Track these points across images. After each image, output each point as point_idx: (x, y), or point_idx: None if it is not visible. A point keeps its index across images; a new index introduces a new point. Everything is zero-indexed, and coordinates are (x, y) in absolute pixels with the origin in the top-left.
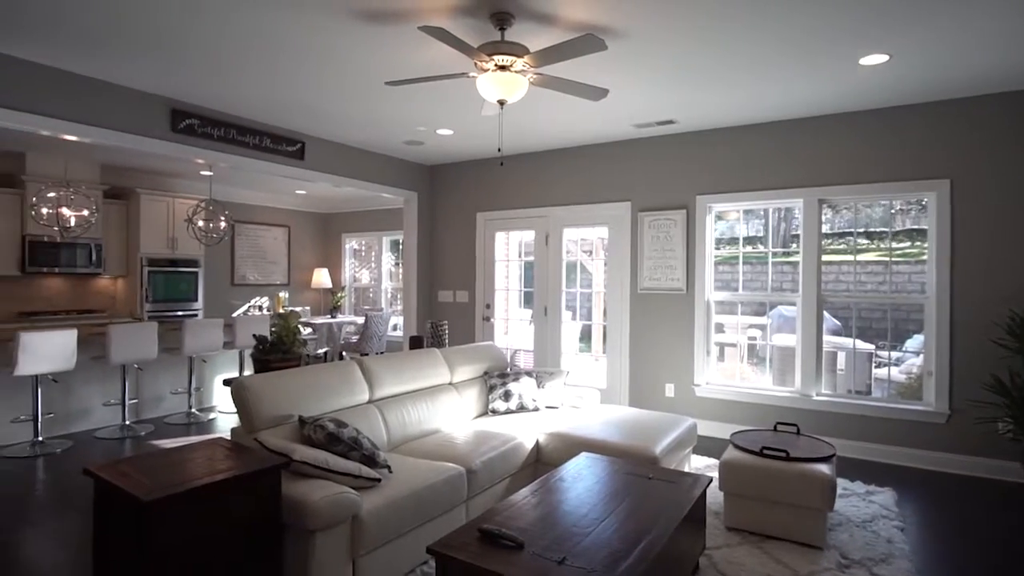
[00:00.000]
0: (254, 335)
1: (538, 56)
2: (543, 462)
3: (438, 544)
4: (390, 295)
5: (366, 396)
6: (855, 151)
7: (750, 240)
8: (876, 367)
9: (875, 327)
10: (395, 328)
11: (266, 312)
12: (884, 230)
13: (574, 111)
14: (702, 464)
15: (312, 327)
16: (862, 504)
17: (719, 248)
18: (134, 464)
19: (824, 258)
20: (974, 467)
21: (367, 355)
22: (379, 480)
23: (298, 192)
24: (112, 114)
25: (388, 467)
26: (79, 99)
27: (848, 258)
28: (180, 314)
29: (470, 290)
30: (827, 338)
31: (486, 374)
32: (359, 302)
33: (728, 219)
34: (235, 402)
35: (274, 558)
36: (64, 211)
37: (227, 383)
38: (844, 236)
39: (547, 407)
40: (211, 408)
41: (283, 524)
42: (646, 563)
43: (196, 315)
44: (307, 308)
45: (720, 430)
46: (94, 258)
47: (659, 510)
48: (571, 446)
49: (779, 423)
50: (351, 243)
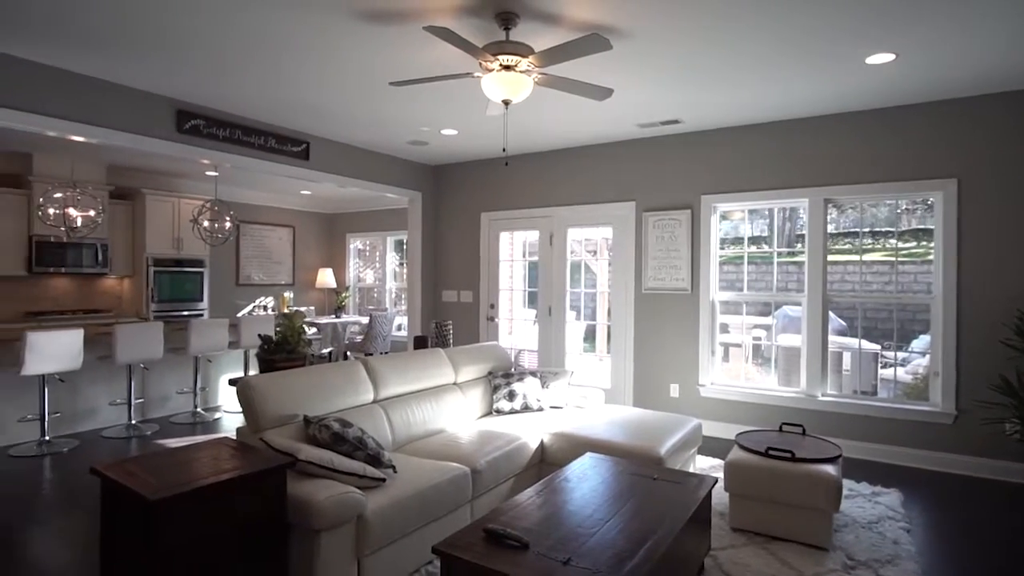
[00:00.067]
0: (259, 335)
1: (543, 56)
2: (548, 462)
3: (443, 544)
4: (394, 295)
5: (371, 396)
6: (861, 151)
7: (755, 240)
8: (882, 367)
9: (880, 327)
10: (399, 328)
11: (271, 312)
12: (890, 230)
13: (578, 111)
14: (707, 465)
15: (317, 327)
16: (868, 505)
17: (724, 248)
18: (140, 463)
19: (829, 258)
20: (981, 468)
21: (371, 355)
22: (384, 480)
23: (303, 192)
24: (118, 115)
25: (393, 467)
26: (85, 100)
27: (854, 258)
28: (185, 314)
29: (474, 290)
30: (832, 338)
31: (490, 374)
32: (363, 302)
33: (733, 219)
34: (240, 402)
35: (279, 558)
36: (71, 211)
37: (232, 383)
38: (849, 236)
39: (551, 407)
40: (216, 408)
41: (288, 524)
42: (651, 563)
43: (201, 315)
44: (312, 308)
45: (725, 430)
46: (100, 258)
47: (664, 511)
48: (576, 446)
49: (784, 424)
50: (355, 243)
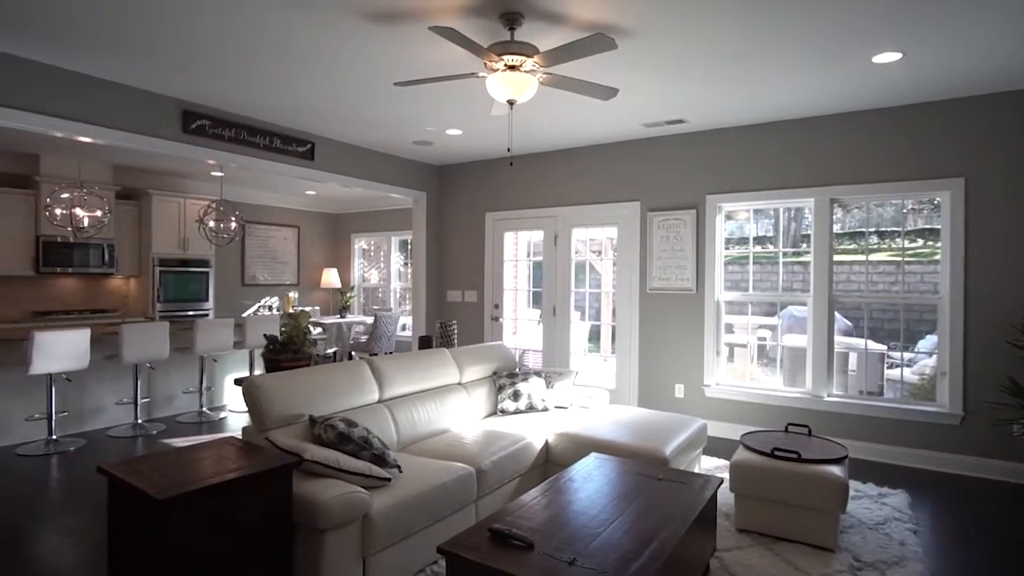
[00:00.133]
0: (265, 335)
1: (548, 56)
2: (552, 462)
3: (449, 544)
4: (399, 295)
5: (376, 396)
6: (867, 150)
7: (760, 240)
8: (888, 368)
9: (887, 327)
10: (404, 328)
11: (276, 312)
12: (896, 229)
13: (583, 111)
14: (712, 465)
15: (322, 327)
16: (875, 506)
17: (729, 248)
18: (147, 462)
19: (835, 258)
20: (989, 469)
21: (376, 355)
22: (389, 480)
23: (308, 192)
24: (124, 115)
25: (398, 467)
26: (91, 100)
27: (859, 258)
28: (191, 314)
29: (479, 290)
30: (838, 338)
31: (495, 374)
32: (368, 302)
33: (738, 219)
34: (246, 401)
35: (285, 557)
36: (77, 212)
37: (238, 382)
38: (855, 236)
39: (556, 407)
40: (222, 407)
41: (294, 523)
42: (657, 564)
43: (207, 315)
44: (316, 308)
45: (730, 431)
46: (107, 258)
47: (670, 511)
48: (581, 446)
49: (790, 424)
50: (360, 243)
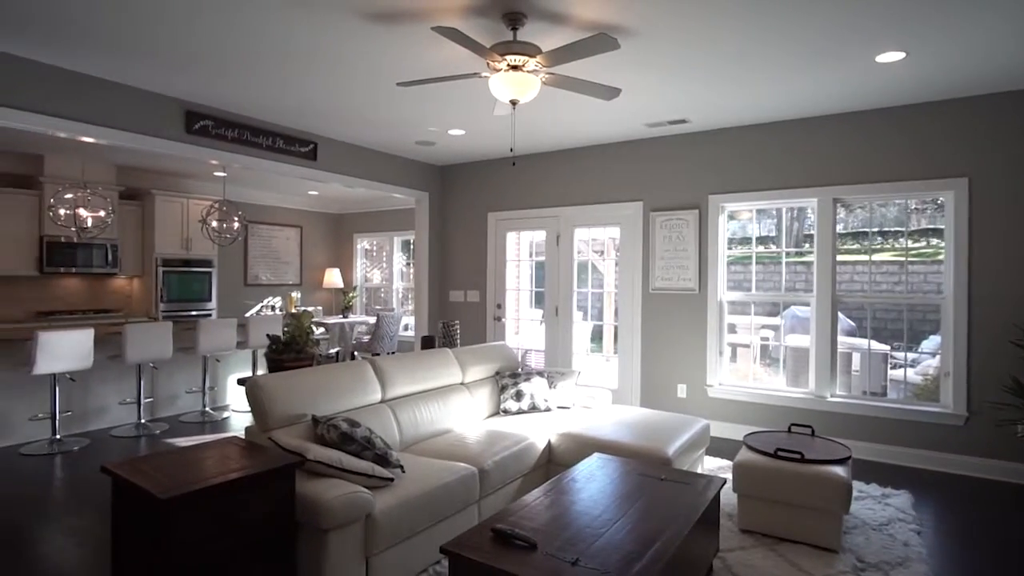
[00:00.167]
0: (268, 335)
1: (550, 56)
2: (555, 462)
3: (451, 544)
4: (401, 295)
5: (379, 396)
6: (870, 150)
7: (762, 240)
8: (891, 368)
9: (890, 328)
10: (406, 328)
11: (278, 312)
12: (899, 229)
13: (586, 111)
14: (715, 466)
15: (324, 327)
16: (878, 507)
17: (731, 248)
18: (151, 462)
19: (838, 258)
20: (993, 470)
21: (379, 355)
22: (392, 480)
23: (310, 193)
24: (128, 116)
25: (401, 467)
26: (95, 101)
27: (862, 258)
28: (194, 314)
29: (481, 290)
30: (841, 339)
31: (498, 374)
32: (371, 302)
33: (740, 219)
34: (249, 401)
35: (288, 557)
36: (81, 212)
37: (241, 382)
38: (858, 236)
39: (559, 407)
40: (225, 407)
41: (297, 523)
42: (660, 565)
43: (210, 315)
44: (319, 308)
45: (733, 431)
46: (110, 258)
47: (673, 512)
48: (583, 447)
49: (793, 424)
50: (363, 243)
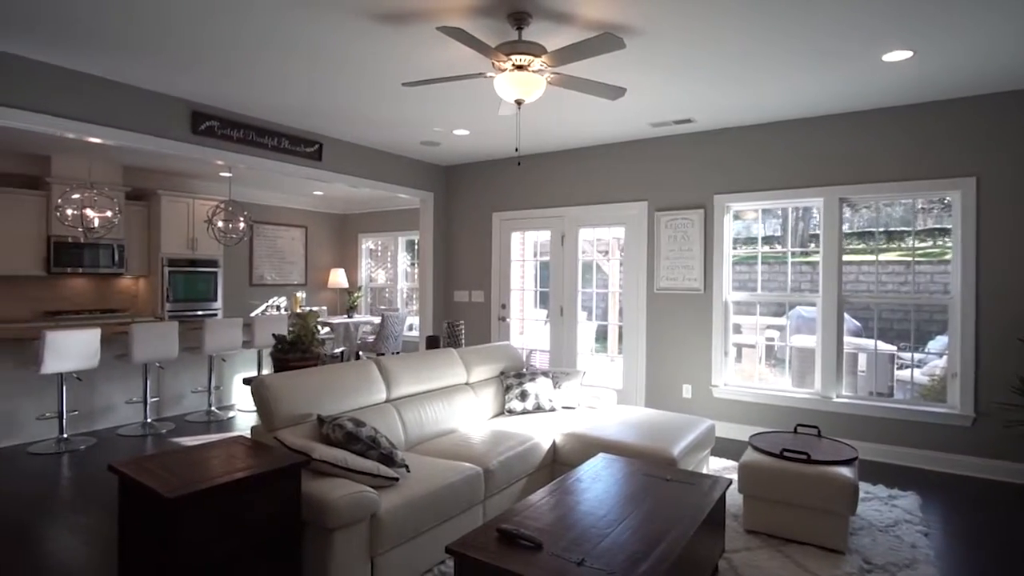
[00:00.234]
0: (274, 334)
1: (556, 55)
2: (560, 462)
3: (457, 544)
4: (406, 295)
5: (383, 395)
6: (877, 149)
7: (767, 240)
8: (898, 369)
9: (896, 328)
10: (411, 328)
11: (283, 312)
12: (906, 229)
13: (590, 111)
14: (720, 466)
15: (329, 327)
16: (885, 508)
17: (736, 248)
18: (157, 461)
19: (844, 258)
20: (1001, 471)
21: (383, 355)
22: (397, 479)
23: (315, 193)
24: (135, 116)
25: (406, 466)
26: (102, 102)
27: (868, 258)
28: (200, 314)
29: (486, 290)
30: (847, 339)
31: (502, 374)
32: (375, 302)
33: (745, 219)
34: (255, 401)
35: (293, 556)
36: (88, 212)
37: (247, 382)
38: (864, 236)
39: (563, 407)
40: (230, 406)
41: (303, 522)
42: (666, 565)
43: (215, 315)
44: (324, 308)
45: (738, 432)
46: (117, 258)
47: (678, 512)
48: (588, 447)
49: (799, 425)
50: (367, 243)
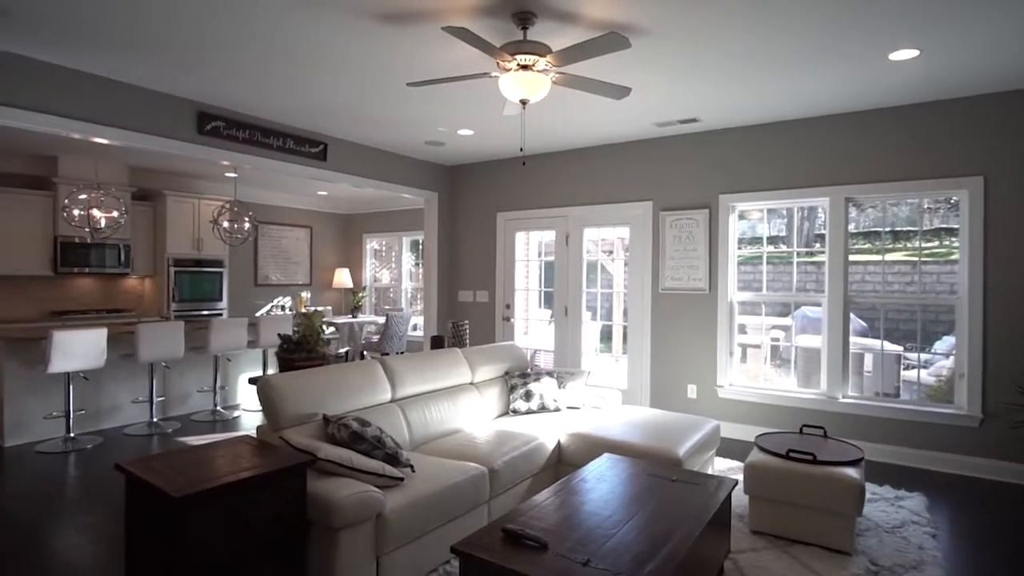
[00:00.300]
0: (279, 334)
1: (561, 55)
2: (565, 463)
3: (462, 544)
4: (410, 295)
5: (388, 395)
6: (882, 148)
7: (772, 240)
8: (904, 369)
9: (902, 328)
10: (415, 328)
11: (288, 312)
12: (912, 229)
13: (595, 110)
14: (725, 467)
15: (334, 327)
16: (891, 509)
17: (741, 248)
18: (164, 461)
19: (850, 258)
20: (1009, 472)
21: (387, 355)
22: (402, 479)
23: (320, 193)
24: (141, 117)
25: (411, 466)
26: (109, 102)
27: (875, 258)
28: (205, 313)
29: (490, 290)
30: (853, 339)
31: (507, 374)
32: (380, 302)
33: (750, 218)
34: (261, 400)
35: (299, 555)
36: (95, 212)
37: (252, 381)
38: (870, 235)
39: (568, 407)
40: (235, 406)
41: (308, 521)
42: (671, 566)
43: (221, 315)
44: (328, 308)
45: (743, 432)
46: (123, 258)
47: (684, 513)
48: (593, 447)
49: (805, 426)
50: (372, 243)
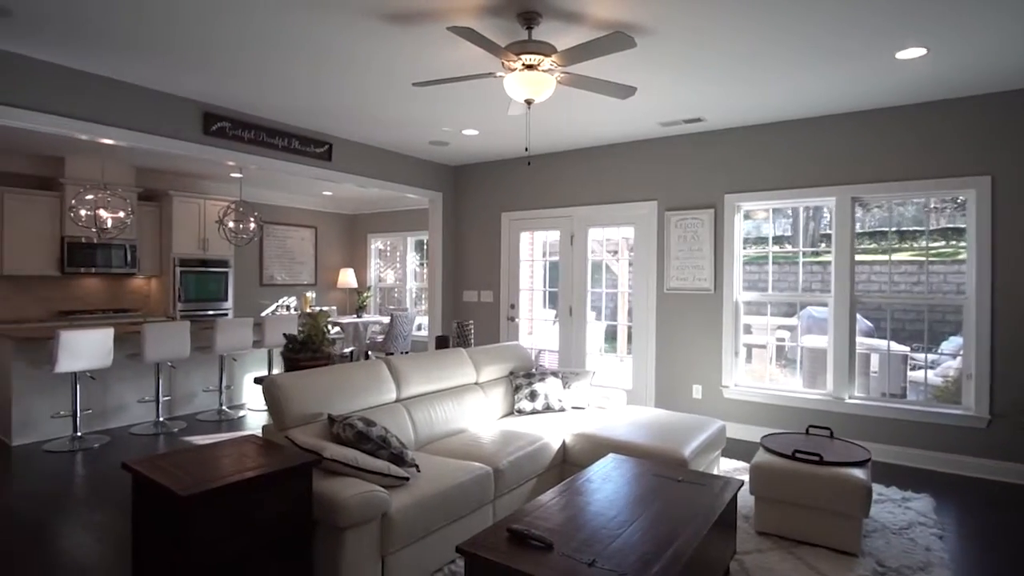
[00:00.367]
0: (284, 334)
1: (566, 55)
2: (570, 463)
3: (467, 544)
4: (415, 295)
5: (394, 395)
6: (889, 148)
7: (778, 240)
8: (911, 370)
9: (908, 328)
10: (419, 328)
11: (293, 312)
12: (919, 229)
13: (600, 110)
14: (731, 467)
15: (339, 326)
16: (898, 510)
17: (746, 248)
18: (170, 460)
19: (856, 258)
20: (1016, 473)
21: (392, 355)
22: (407, 479)
23: (325, 193)
24: (147, 118)
25: (416, 466)
26: (115, 103)
27: (881, 258)
28: (211, 313)
29: (495, 290)
30: (860, 339)
31: (512, 374)
32: (384, 302)
33: (756, 218)
34: (266, 400)
35: (304, 555)
36: (101, 213)
37: (258, 381)
38: (875, 235)
39: (573, 408)
40: (241, 405)
41: (314, 521)
42: (677, 567)
43: (226, 315)
44: (333, 308)
45: (749, 433)
46: (129, 259)
47: (689, 513)
48: (598, 447)
49: (811, 426)
50: (376, 243)
